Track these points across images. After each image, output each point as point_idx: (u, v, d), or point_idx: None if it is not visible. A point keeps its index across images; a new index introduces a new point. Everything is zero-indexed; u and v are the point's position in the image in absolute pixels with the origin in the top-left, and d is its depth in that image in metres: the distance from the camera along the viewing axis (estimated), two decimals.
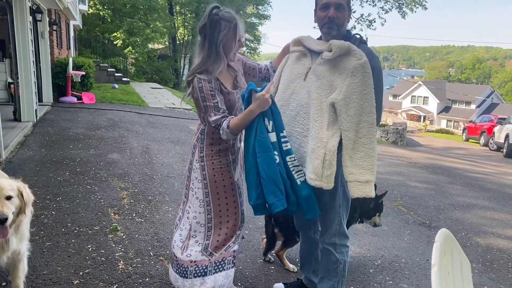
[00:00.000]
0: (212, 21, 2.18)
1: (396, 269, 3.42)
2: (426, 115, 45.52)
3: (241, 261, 3.19)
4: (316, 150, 2.18)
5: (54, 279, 2.68)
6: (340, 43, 2.15)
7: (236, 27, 2.21)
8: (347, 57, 2.14)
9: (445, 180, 7.50)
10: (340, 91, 2.13)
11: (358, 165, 2.12)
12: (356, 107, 2.11)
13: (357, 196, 2.12)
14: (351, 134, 2.13)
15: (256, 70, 2.59)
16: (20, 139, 6.45)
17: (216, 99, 2.20)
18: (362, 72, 2.10)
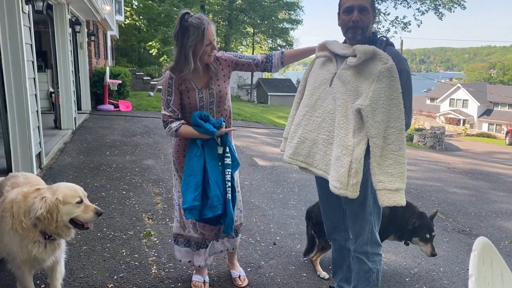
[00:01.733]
0: (181, 28, 2.36)
1: (434, 278, 3.29)
2: (465, 119, 43.93)
3: (272, 267, 3.17)
4: (342, 158, 2.12)
5: (90, 282, 2.74)
6: (364, 48, 2.09)
7: (204, 32, 2.34)
8: (373, 62, 2.08)
9: (487, 186, 7.18)
10: (366, 97, 2.07)
11: (387, 173, 2.05)
12: (383, 113, 2.04)
13: (387, 204, 2.05)
14: (379, 141, 2.06)
15: (251, 66, 2.66)
16: (60, 146, 6.71)
17: (170, 96, 2.46)
18: (389, 76, 2.04)
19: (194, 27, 2.33)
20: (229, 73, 2.60)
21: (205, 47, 2.38)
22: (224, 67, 2.58)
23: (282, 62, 2.66)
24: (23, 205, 2.19)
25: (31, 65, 4.95)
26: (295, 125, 2.41)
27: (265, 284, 2.91)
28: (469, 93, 45.52)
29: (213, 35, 2.40)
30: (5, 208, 2.23)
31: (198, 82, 2.49)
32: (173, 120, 2.47)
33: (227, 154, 2.46)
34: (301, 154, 2.36)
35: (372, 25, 2.27)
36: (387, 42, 2.26)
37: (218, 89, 2.53)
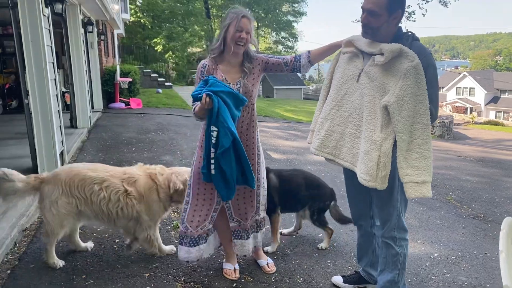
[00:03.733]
0: (226, 15, 2.66)
1: (453, 262, 3.40)
2: (473, 107, 43.71)
3: (297, 255, 3.30)
4: (370, 152, 2.24)
5: (128, 272, 2.89)
6: (391, 47, 2.18)
7: (238, 18, 2.57)
8: (399, 59, 2.17)
9: (499, 173, 7.26)
10: (393, 94, 2.17)
11: (414, 166, 2.16)
12: (409, 109, 2.15)
13: (413, 197, 2.17)
14: (405, 136, 2.17)
15: (281, 65, 2.79)
16: (78, 144, 6.87)
17: (199, 82, 2.62)
18: (415, 74, 2.13)
19: (233, 12, 2.61)
20: (260, 72, 2.74)
21: (236, 32, 2.56)
22: (255, 65, 2.72)
23: (309, 61, 2.77)
24: (163, 182, 3.00)
25: (52, 66, 5.09)
26: (322, 118, 2.53)
27: (292, 271, 3.04)
28: (476, 81, 45.25)
29: (247, 27, 2.58)
30: (151, 186, 2.99)
31: (228, 76, 2.65)
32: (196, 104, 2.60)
33: (213, 133, 2.49)
34: (328, 146, 2.48)
35: (391, 24, 2.31)
36: (413, 37, 2.34)
37: (245, 86, 2.66)
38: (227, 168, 2.56)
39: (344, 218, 3.49)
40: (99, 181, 2.89)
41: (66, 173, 2.92)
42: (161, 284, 2.77)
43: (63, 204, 2.84)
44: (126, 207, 2.92)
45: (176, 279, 2.84)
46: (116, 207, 2.91)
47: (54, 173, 2.97)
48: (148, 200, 2.98)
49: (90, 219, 3.03)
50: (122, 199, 2.90)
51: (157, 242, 3.12)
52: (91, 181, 2.88)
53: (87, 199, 2.88)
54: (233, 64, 2.67)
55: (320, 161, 6.59)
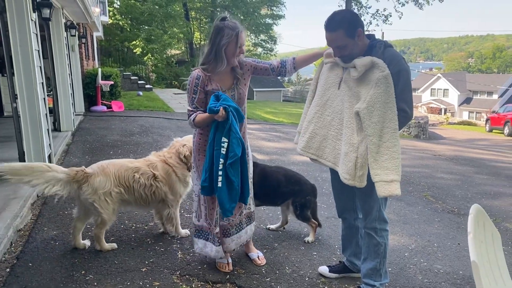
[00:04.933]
0: (217, 28, 2.66)
1: (429, 252, 3.66)
2: (447, 108, 44.97)
3: (285, 248, 3.50)
4: (349, 154, 2.48)
5: (125, 267, 3.03)
6: (362, 62, 2.41)
7: (238, 35, 2.63)
8: (372, 70, 2.40)
9: (471, 171, 7.64)
10: (364, 101, 2.41)
11: (383, 167, 2.39)
12: (379, 115, 2.38)
13: (383, 195, 2.39)
14: (375, 139, 2.40)
15: (268, 70, 2.95)
16: (63, 147, 6.91)
17: (195, 94, 2.74)
18: (386, 83, 2.37)
19: (230, 28, 2.63)
20: (249, 77, 2.91)
21: (238, 49, 2.68)
22: (245, 71, 2.87)
23: (294, 67, 2.96)
24: (174, 157, 3.45)
25: (39, 70, 5.16)
26: (307, 121, 2.77)
27: (281, 263, 3.23)
28: (449, 82, 46.58)
29: (244, 41, 2.70)
30: (168, 170, 3.41)
31: (223, 84, 2.79)
32: (194, 113, 2.75)
33: (223, 144, 2.64)
34: (312, 147, 2.72)
35: (359, 42, 2.51)
36: (385, 44, 2.57)
37: (239, 92, 2.84)
38: (235, 178, 2.70)
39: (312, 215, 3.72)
40: (136, 170, 3.32)
41: (113, 165, 3.28)
42: (158, 277, 2.92)
43: (115, 194, 3.20)
44: (157, 190, 3.37)
45: (172, 273, 2.99)
46: (150, 191, 3.34)
47: (100, 166, 3.26)
48: (169, 182, 3.43)
49: (129, 206, 3.46)
50: (153, 183, 3.34)
51: (175, 221, 3.54)
52: (132, 171, 3.30)
53: (130, 187, 3.27)
54: (224, 72, 2.77)
55: (303, 161, 6.82)
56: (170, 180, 3.43)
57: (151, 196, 3.37)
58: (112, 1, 25.51)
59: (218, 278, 2.96)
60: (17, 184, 4.34)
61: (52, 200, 4.36)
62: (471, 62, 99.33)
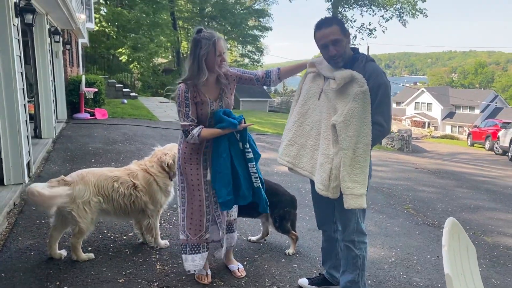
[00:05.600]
0: (195, 40, 2.69)
1: (409, 265, 3.68)
2: (430, 121, 45.72)
3: (266, 260, 3.48)
4: (324, 165, 2.50)
5: (102, 278, 2.97)
6: (342, 75, 2.44)
7: (215, 44, 2.66)
8: (351, 84, 2.43)
9: (452, 184, 7.75)
10: (342, 114, 2.44)
11: (354, 180, 2.42)
12: (355, 129, 2.41)
13: (352, 207, 2.43)
14: (350, 152, 2.42)
15: (253, 80, 2.97)
16: (43, 155, 6.79)
17: (188, 107, 2.72)
18: (363, 98, 2.40)
19: (206, 39, 2.65)
20: (234, 87, 2.92)
21: (217, 58, 2.69)
22: (231, 81, 2.88)
23: (279, 78, 2.97)
24: (155, 166, 3.40)
25: (20, 76, 5.08)
26: (287, 129, 2.80)
27: (261, 275, 3.21)
28: (433, 96, 47.42)
29: (223, 48, 2.72)
30: (149, 179, 3.37)
31: (210, 95, 2.79)
32: (193, 127, 2.72)
33: (248, 149, 2.80)
34: (289, 155, 2.73)
35: (349, 44, 2.60)
36: (367, 58, 2.60)
37: (226, 102, 2.85)
38: (261, 175, 2.93)
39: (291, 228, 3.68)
40: (116, 179, 3.27)
41: (92, 174, 3.23)
42: None
43: (94, 204, 3.16)
44: (137, 199, 3.33)
45: (149, 284, 2.94)
46: (130, 200, 3.30)
47: (80, 175, 3.21)
48: (150, 191, 3.39)
49: (108, 215, 3.39)
50: (133, 192, 3.30)
51: (155, 231, 3.51)
52: (111, 180, 3.25)
53: (109, 196, 3.23)
54: (210, 82, 2.78)
55: (286, 172, 6.82)
56: (150, 189, 3.38)
57: (131, 206, 3.32)
58: (99, 8, 25.41)
59: None
60: None
61: (29, 208, 4.28)
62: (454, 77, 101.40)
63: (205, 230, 2.94)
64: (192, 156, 2.84)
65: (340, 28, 2.51)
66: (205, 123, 2.79)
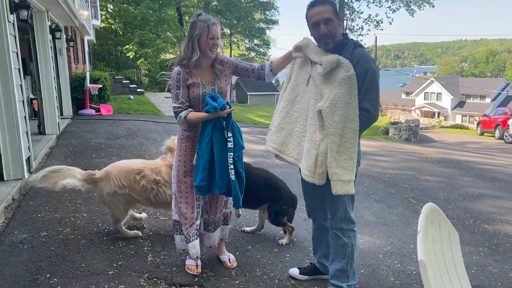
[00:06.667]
0: (192, 22, 2.79)
1: (404, 254, 3.63)
2: (440, 111, 45.15)
3: (258, 250, 3.46)
4: (310, 151, 2.47)
5: (92, 270, 2.98)
6: (329, 59, 2.41)
7: (209, 26, 2.72)
8: (337, 69, 2.41)
9: (456, 173, 7.64)
10: (327, 99, 2.41)
11: (342, 166, 2.40)
12: (341, 115, 2.38)
13: (340, 193, 2.42)
14: (336, 138, 2.40)
15: (249, 71, 2.99)
16: (46, 150, 6.85)
17: (179, 90, 2.80)
18: (349, 83, 2.38)
19: (202, 21, 2.73)
20: (230, 74, 2.95)
21: (209, 40, 2.73)
22: (226, 68, 2.92)
23: (271, 71, 2.96)
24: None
25: (17, 72, 5.11)
26: (275, 116, 2.77)
27: (252, 265, 3.20)
28: (443, 86, 46.80)
29: (217, 33, 2.76)
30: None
31: (203, 78, 2.84)
32: (182, 109, 2.79)
33: (229, 138, 2.77)
34: (276, 141, 2.71)
35: (340, 28, 2.58)
36: (355, 44, 2.57)
37: (219, 86, 2.88)
38: (242, 169, 2.85)
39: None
40: (138, 171, 3.39)
41: (115, 168, 3.44)
42: (125, 281, 2.87)
43: (118, 195, 3.35)
44: (159, 194, 3.41)
45: (139, 276, 2.95)
46: (152, 194, 3.41)
47: (106, 170, 3.47)
48: None
49: (142, 204, 3.55)
50: (155, 187, 3.40)
51: None
52: (133, 172, 3.39)
53: (132, 187, 3.38)
54: (205, 67, 2.86)
55: (288, 164, 6.79)
56: None
57: (155, 199, 3.45)
58: (105, 5, 25.48)
59: (186, 281, 2.92)
60: None
61: (27, 203, 4.32)
62: (464, 66, 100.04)
63: (196, 216, 2.98)
64: (188, 143, 2.91)
65: (333, 8, 2.51)
66: (198, 108, 2.83)
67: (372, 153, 9.20)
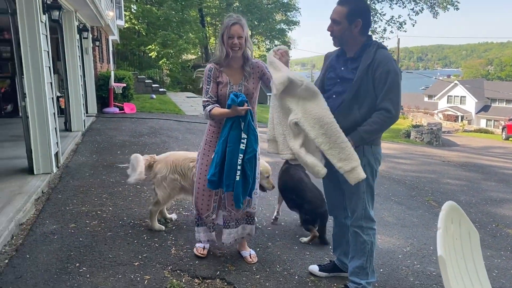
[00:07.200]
0: (222, 23, 2.97)
1: (424, 255, 3.64)
2: (464, 115, 44.31)
3: (278, 247, 3.53)
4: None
5: (118, 261, 3.10)
6: (280, 80, 2.60)
7: (229, 26, 2.87)
8: (292, 85, 2.59)
9: (479, 177, 7.54)
10: (297, 112, 2.58)
11: (340, 159, 2.50)
12: (315, 119, 2.52)
13: (353, 182, 2.52)
14: (321, 139, 2.52)
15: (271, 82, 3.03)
16: (72, 146, 7.06)
17: (209, 85, 2.97)
18: (308, 91, 2.57)
19: (225, 22, 2.91)
20: (258, 78, 3.06)
21: (228, 39, 2.87)
22: (255, 72, 3.05)
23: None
24: None
25: (48, 70, 5.30)
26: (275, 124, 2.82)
27: (273, 261, 3.27)
28: (467, 89, 45.89)
29: (237, 32, 2.87)
30: None
31: (232, 78, 2.97)
32: (209, 104, 2.94)
33: (243, 140, 2.84)
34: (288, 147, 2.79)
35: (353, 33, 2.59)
36: (378, 45, 2.62)
37: (247, 87, 2.99)
38: (251, 173, 2.91)
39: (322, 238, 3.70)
40: (193, 159, 3.50)
41: (173, 155, 3.70)
42: (149, 272, 2.98)
43: (168, 180, 3.54)
44: None
45: (164, 267, 3.05)
46: None
47: (165, 155, 3.71)
48: None
49: (187, 193, 3.67)
50: None
51: None
52: (189, 160, 3.57)
53: (185, 175, 3.55)
54: (235, 68, 3.00)
55: None
56: None
57: None
58: (129, 5, 25.94)
59: (208, 274, 3.00)
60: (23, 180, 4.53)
61: (56, 196, 4.49)
62: (490, 69, 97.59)
63: (212, 210, 3.13)
64: (212, 139, 3.04)
65: (348, 12, 2.55)
66: (224, 106, 2.94)
67: (393, 155, 9.14)
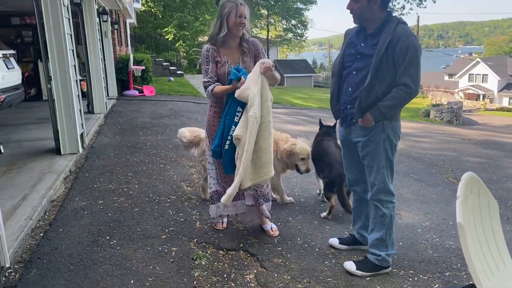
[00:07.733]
0: (221, 4, 3.02)
1: (443, 229, 3.69)
2: (485, 94, 43.26)
3: (299, 222, 3.63)
4: None
5: (146, 234, 3.26)
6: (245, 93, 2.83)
7: (237, 6, 2.94)
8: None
9: (500, 155, 7.46)
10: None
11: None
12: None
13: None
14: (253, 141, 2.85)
15: None
16: (96, 128, 7.25)
17: (208, 65, 3.03)
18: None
19: (231, 1, 2.97)
20: (252, 57, 3.13)
21: (237, 18, 2.94)
22: (250, 47, 3.12)
23: None
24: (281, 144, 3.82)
25: (72, 53, 5.44)
26: None
27: (293, 234, 3.37)
28: (489, 67, 44.69)
29: (245, 13, 2.96)
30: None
31: (229, 57, 3.04)
32: (210, 84, 3.03)
33: (238, 113, 2.94)
34: None
35: (374, 9, 2.60)
36: (398, 21, 2.64)
37: (245, 66, 3.05)
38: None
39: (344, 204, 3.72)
40: None
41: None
42: (176, 244, 3.12)
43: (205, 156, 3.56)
44: None
45: (189, 240, 3.19)
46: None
47: None
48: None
49: None
50: None
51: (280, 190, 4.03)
52: None
53: None
54: (232, 46, 3.08)
55: None
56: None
57: None
58: None
59: (232, 246, 3.13)
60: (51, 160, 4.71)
61: (83, 175, 4.67)
62: None
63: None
64: (215, 120, 3.13)
65: None
66: (224, 83, 3.04)
67: (412, 134, 9.09)
